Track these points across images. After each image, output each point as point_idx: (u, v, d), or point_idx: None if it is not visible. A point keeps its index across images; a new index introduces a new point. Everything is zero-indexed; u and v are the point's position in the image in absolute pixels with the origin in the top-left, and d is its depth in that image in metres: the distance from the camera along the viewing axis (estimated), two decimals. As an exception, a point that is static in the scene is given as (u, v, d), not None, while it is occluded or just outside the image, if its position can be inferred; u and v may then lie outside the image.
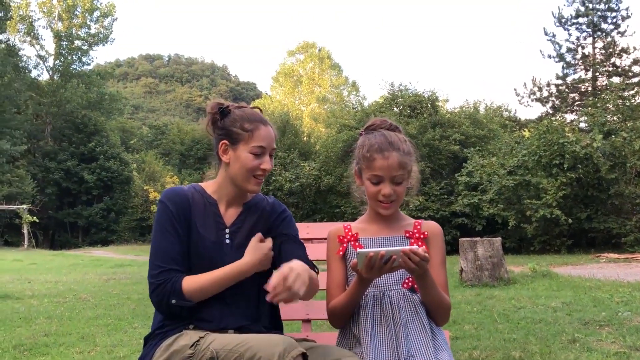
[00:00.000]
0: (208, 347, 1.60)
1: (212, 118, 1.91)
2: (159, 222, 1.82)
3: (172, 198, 1.84)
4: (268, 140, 1.86)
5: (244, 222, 1.91)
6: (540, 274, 8.73)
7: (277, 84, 49.65)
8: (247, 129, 1.83)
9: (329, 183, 23.99)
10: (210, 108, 1.91)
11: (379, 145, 1.81)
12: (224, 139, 1.85)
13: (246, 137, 1.82)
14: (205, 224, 1.84)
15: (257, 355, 1.49)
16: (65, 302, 7.28)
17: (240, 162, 1.82)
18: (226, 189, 1.89)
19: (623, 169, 16.39)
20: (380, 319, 1.78)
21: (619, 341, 4.21)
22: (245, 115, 1.87)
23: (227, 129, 1.85)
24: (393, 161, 1.78)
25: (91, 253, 24.99)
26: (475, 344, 4.27)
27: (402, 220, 1.92)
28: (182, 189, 1.89)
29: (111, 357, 4.09)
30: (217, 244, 1.83)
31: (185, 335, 1.69)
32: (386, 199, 1.80)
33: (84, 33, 41.18)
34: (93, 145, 37.97)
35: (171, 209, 1.81)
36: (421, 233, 1.87)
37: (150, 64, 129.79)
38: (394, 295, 1.79)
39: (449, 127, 22.88)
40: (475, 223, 19.54)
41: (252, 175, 1.84)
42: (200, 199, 1.87)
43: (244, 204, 1.94)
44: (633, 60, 28.50)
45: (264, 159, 1.85)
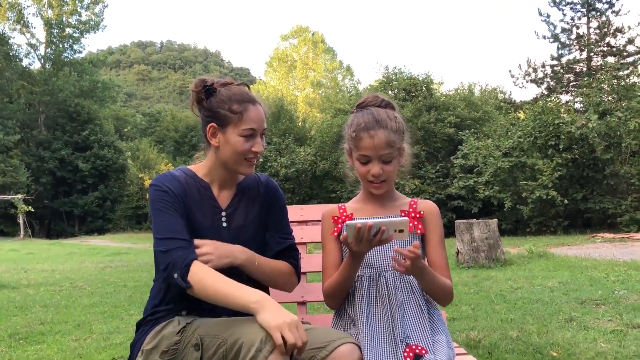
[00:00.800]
0: (193, 334, 1.58)
1: (197, 97, 1.81)
2: (156, 202, 1.71)
3: (165, 183, 1.75)
4: (258, 122, 1.77)
5: (239, 204, 1.86)
6: (536, 255, 8.75)
7: (270, 69, 49.33)
8: (236, 110, 1.74)
9: (324, 168, 23.98)
10: (194, 86, 1.81)
11: (365, 124, 1.76)
12: (212, 122, 1.77)
13: (235, 120, 1.74)
14: (201, 209, 1.79)
15: (240, 341, 1.47)
16: (61, 290, 7.26)
17: (231, 146, 1.75)
18: (217, 172, 1.83)
19: (618, 149, 16.41)
20: (376, 299, 1.76)
21: (615, 319, 4.21)
22: (232, 95, 1.77)
23: (214, 111, 1.76)
24: (379, 140, 1.73)
25: (88, 242, 24.98)
26: (472, 325, 4.28)
27: (397, 199, 1.88)
28: (173, 174, 1.80)
29: (107, 344, 4.08)
30: (213, 228, 1.79)
31: (175, 321, 1.68)
32: (376, 179, 1.76)
33: (74, 20, 40.73)
34: (87, 133, 37.78)
35: (167, 190, 1.72)
36: (417, 212, 1.83)
37: (143, 50, 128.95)
38: (390, 276, 1.77)
39: (444, 110, 22.84)
40: (471, 205, 19.59)
41: (244, 159, 1.77)
42: (193, 184, 1.81)
43: (237, 185, 1.89)
44: (627, 39, 28.39)
45: (255, 140, 1.77)
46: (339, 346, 1.58)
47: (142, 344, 1.69)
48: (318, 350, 1.59)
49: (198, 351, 1.54)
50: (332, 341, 1.60)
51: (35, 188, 34.83)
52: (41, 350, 3.91)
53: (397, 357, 1.65)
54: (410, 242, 1.78)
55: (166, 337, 1.63)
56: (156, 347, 1.63)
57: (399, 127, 1.79)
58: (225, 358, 1.49)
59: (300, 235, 2.46)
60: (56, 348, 3.97)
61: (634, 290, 5.40)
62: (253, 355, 1.42)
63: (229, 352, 1.49)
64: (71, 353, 3.81)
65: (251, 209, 1.88)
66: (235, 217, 1.84)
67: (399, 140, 1.78)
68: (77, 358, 3.68)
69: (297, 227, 2.45)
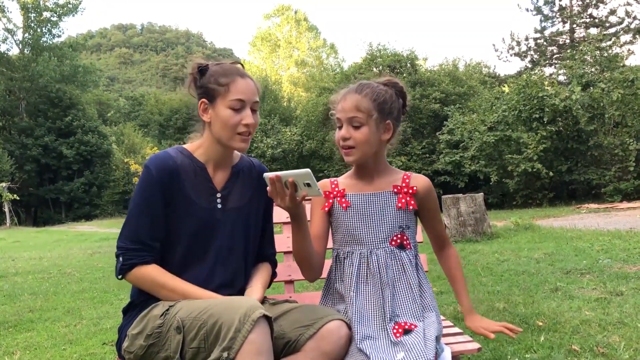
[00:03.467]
0: (175, 317, 1.59)
1: (193, 78, 1.83)
2: (140, 191, 1.74)
3: (158, 164, 1.75)
4: (247, 93, 1.76)
5: (234, 186, 1.87)
6: (522, 227, 8.84)
7: (254, 49, 48.88)
8: (223, 83, 1.74)
9: (311, 147, 23.96)
10: (191, 69, 1.83)
11: (346, 90, 1.81)
12: (203, 97, 1.78)
13: (222, 92, 1.74)
14: (196, 190, 1.79)
15: (219, 322, 1.47)
16: (50, 277, 7.23)
17: (220, 119, 1.74)
18: (213, 151, 1.82)
19: (602, 120, 16.54)
20: (366, 276, 1.76)
21: (599, 287, 4.29)
22: (221, 69, 1.79)
23: (204, 87, 1.78)
24: (348, 102, 1.75)
25: (75, 228, 24.83)
26: (460, 298, 4.33)
27: (390, 174, 1.87)
28: (169, 154, 1.80)
29: (97, 329, 4.08)
30: (208, 210, 1.79)
31: (160, 305, 1.68)
32: (343, 142, 1.77)
33: (52, 4, 39.86)
34: (70, 119, 37.28)
35: (155, 177, 1.73)
36: (409, 187, 1.83)
37: (124, 33, 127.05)
38: (382, 254, 1.77)
39: (428, 86, 22.82)
40: (458, 180, 19.71)
41: (236, 133, 1.75)
42: (189, 164, 1.80)
43: (232, 167, 1.89)
44: (610, 10, 28.47)
45: (245, 113, 1.75)
46: (326, 323, 1.60)
47: (128, 328, 1.70)
48: (305, 329, 1.60)
49: (180, 334, 1.55)
50: (319, 319, 1.62)
51: (20, 176, 34.44)
52: (31, 338, 3.90)
53: (386, 333, 1.66)
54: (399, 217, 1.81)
55: (151, 321, 1.64)
56: (141, 332, 1.64)
57: (378, 98, 1.76)
58: (207, 340, 1.50)
59: (286, 214, 2.46)
60: (46, 335, 3.96)
61: (618, 259, 5.50)
62: (232, 336, 1.43)
63: (210, 333, 1.49)
64: (61, 339, 3.81)
65: (246, 191, 1.89)
66: (230, 199, 1.85)
67: (373, 109, 1.75)
68: (68, 344, 3.68)
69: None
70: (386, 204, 1.81)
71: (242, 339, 1.42)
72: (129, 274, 1.71)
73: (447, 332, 1.99)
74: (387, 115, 1.78)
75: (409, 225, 1.84)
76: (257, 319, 1.44)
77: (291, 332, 1.62)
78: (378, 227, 1.79)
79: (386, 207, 1.81)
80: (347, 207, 1.82)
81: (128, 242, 1.71)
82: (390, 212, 1.81)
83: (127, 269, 1.70)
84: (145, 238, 1.71)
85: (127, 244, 1.71)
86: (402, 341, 1.60)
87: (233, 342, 1.42)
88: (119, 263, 1.71)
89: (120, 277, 1.73)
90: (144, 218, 1.72)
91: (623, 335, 3.01)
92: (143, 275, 1.70)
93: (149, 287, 1.71)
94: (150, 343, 1.61)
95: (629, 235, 7.08)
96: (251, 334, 1.43)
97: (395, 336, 1.63)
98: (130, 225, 1.73)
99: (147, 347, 1.61)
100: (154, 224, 1.72)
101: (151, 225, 1.72)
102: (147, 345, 1.61)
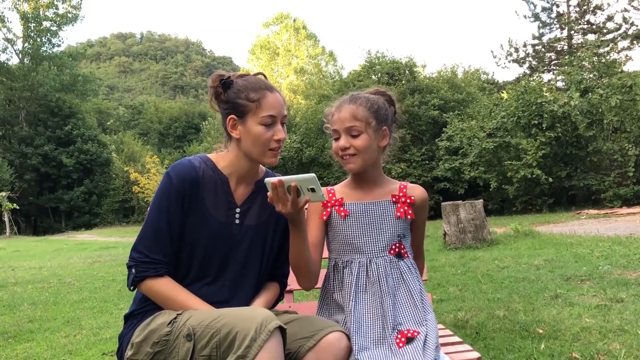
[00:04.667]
0: (185, 324, 1.58)
1: (215, 92, 1.79)
2: (159, 199, 1.74)
3: (180, 173, 1.74)
4: (278, 108, 1.75)
5: (254, 202, 1.85)
6: (522, 234, 8.84)
7: (253, 57, 48.95)
8: (254, 99, 1.72)
9: (310, 155, 23.95)
10: (212, 81, 1.80)
11: (340, 101, 1.83)
12: (231, 114, 1.75)
13: (254, 108, 1.72)
14: (216, 203, 1.78)
15: (234, 330, 1.47)
16: (49, 287, 7.21)
17: (252, 136, 1.72)
18: (239, 165, 1.81)
19: (600, 125, 16.55)
20: (365, 285, 1.76)
21: (599, 294, 4.28)
22: (249, 84, 1.76)
23: (232, 102, 1.75)
24: (344, 112, 1.77)
25: (75, 237, 24.80)
26: (459, 305, 4.32)
27: (387, 184, 1.89)
28: (192, 163, 1.78)
29: (97, 339, 4.07)
30: (225, 224, 1.78)
31: (164, 314, 1.68)
32: (343, 152, 1.78)
33: (51, 13, 39.99)
34: (69, 128, 37.34)
35: (175, 185, 1.72)
36: (407, 197, 1.84)
37: (123, 42, 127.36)
38: (381, 263, 1.77)
39: (427, 93, 22.84)
40: (457, 187, 19.69)
41: (268, 149, 1.75)
42: (211, 175, 1.78)
43: (256, 182, 1.87)
44: (607, 16, 28.56)
45: (276, 128, 1.75)
46: (326, 335, 1.60)
47: (130, 337, 1.69)
48: (305, 340, 1.60)
49: (190, 342, 1.54)
50: (319, 330, 1.61)
51: (20, 185, 34.43)
52: (30, 348, 3.89)
53: (387, 343, 1.66)
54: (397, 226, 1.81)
55: (156, 329, 1.63)
56: (146, 340, 1.63)
57: (373, 106, 1.80)
58: (219, 348, 1.49)
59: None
60: (46, 345, 3.95)
61: (618, 265, 5.49)
62: (248, 345, 1.42)
63: (223, 341, 1.48)
64: (61, 350, 3.80)
65: (266, 208, 1.85)
66: (249, 215, 1.83)
67: (369, 117, 1.78)
68: (67, 354, 3.67)
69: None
70: (385, 213, 1.82)
71: (258, 348, 1.42)
72: (140, 286, 1.71)
73: (447, 341, 1.99)
74: (382, 121, 1.81)
75: (405, 234, 1.85)
76: (273, 330, 1.44)
77: (291, 344, 1.61)
78: (377, 236, 1.80)
79: (385, 216, 1.82)
80: (345, 216, 1.82)
81: (142, 255, 1.70)
82: (389, 221, 1.81)
83: (139, 281, 1.70)
84: (160, 251, 1.70)
85: (141, 256, 1.70)
86: (401, 352, 1.60)
87: (248, 350, 1.42)
88: (131, 275, 1.71)
89: (133, 288, 1.73)
90: (161, 228, 1.70)
91: (623, 343, 3.01)
92: (155, 288, 1.70)
93: (160, 300, 1.71)
94: (157, 350, 1.60)
95: (629, 241, 7.07)
96: (267, 343, 1.43)
97: (398, 346, 1.63)
98: (147, 236, 1.72)
99: (153, 355, 1.60)
100: (170, 235, 1.71)
101: (167, 237, 1.71)
102: (154, 353, 1.60)
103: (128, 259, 1.73)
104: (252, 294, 1.84)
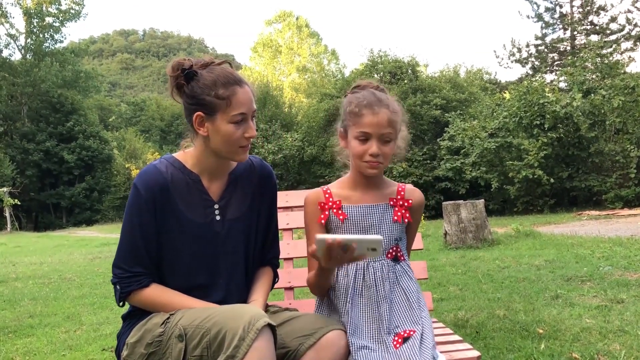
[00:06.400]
0: (177, 325, 1.57)
1: (176, 83, 1.68)
2: (130, 214, 1.69)
3: (146, 182, 1.67)
4: (248, 104, 1.65)
5: (233, 195, 1.79)
6: (523, 234, 8.83)
7: (256, 54, 48.98)
8: (223, 96, 1.61)
9: (312, 153, 23.96)
10: (172, 70, 1.68)
11: (368, 101, 1.70)
12: (198, 110, 1.64)
13: (224, 107, 1.61)
14: (190, 206, 1.71)
15: (223, 330, 1.46)
16: (50, 283, 7.22)
17: (222, 135, 1.64)
18: (208, 162, 1.73)
19: (602, 126, 16.53)
20: (361, 289, 1.73)
21: (600, 295, 4.28)
22: (217, 78, 1.63)
23: (198, 99, 1.63)
24: (382, 117, 1.67)
25: (76, 233, 24.84)
26: (460, 305, 4.32)
27: (385, 186, 1.84)
28: (158, 169, 1.71)
29: (97, 335, 4.07)
30: (206, 224, 1.73)
31: (160, 314, 1.67)
32: (373, 159, 1.69)
33: (54, 9, 40.06)
34: (71, 124, 37.39)
35: (144, 196, 1.66)
36: (405, 200, 1.81)
37: (125, 39, 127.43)
38: (378, 267, 1.75)
39: (429, 92, 22.83)
40: (459, 187, 19.68)
41: (239, 147, 1.68)
42: (180, 177, 1.72)
43: (229, 174, 1.80)
44: (610, 17, 28.51)
45: (247, 125, 1.66)
46: (326, 333, 1.59)
47: (127, 336, 1.68)
48: (305, 338, 1.59)
49: (182, 342, 1.53)
50: (319, 328, 1.60)
51: (21, 181, 34.46)
52: (31, 343, 3.90)
53: (384, 346, 1.65)
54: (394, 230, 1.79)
55: (150, 330, 1.62)
56: (140, 340, 1.62)
57: (398, 109, 1.75)
58: (210, 348, 1.48)
59: (285, 221, 2.47)
60: (46, 340, 3.96)
61: (619, 266, 5.48)
62: (237, 344, 1.41)
63: (213, 341, 1.47)
64: (61, 345, 3.80)
65: (245, 198, 1.82)
66: (230, 209, 1.78)
67: (399, 123, 1.74)
68: (67, 350, 3.67)
69: (282, 213, 2.45)
70: (383, 216, 1.78)
71: (247, 347, 1.40)
72: (129, 299, 1.71)
73: (446, 340, 1.99)
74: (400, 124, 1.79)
75: (402, 237, 1.83)
76: (261, 328, 1.42)
77: (291, 342, 1.60)
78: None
79: (383, 219, 1.78)
80: (344, 219, 1.78)
81: (123, 271, 1.69)
82: (386, 225, 1.78)
83: (126, 296, 1.69)
84: (139, 262, 1.68)
85: (122, 272, 1.69)
86: (398, 353, 1.59)
87: (237, 350, 1.41)
88: (117, 291, 1.69)
89: (121, 304, 1.72)
90: (136, 242, 1.67)
91: (624, 343, 3.00)
92: (143, 298, 1.69)
93: (152, 307, 1.70)
94: (150, 351, 1.59)
95: (629, 242, 7.06)
96: (255, 342, 1.41)
97: (395, 347, 1.62)
98: (124, 251, 1.69)
99: (147, 356, 1.59)
100: (147, 246, 1.68)
101: (144, 248, 1.68)
102: (148, 354, 1.59)
103: (112, 275, 1.72)
104: (246, 286, 1.83)
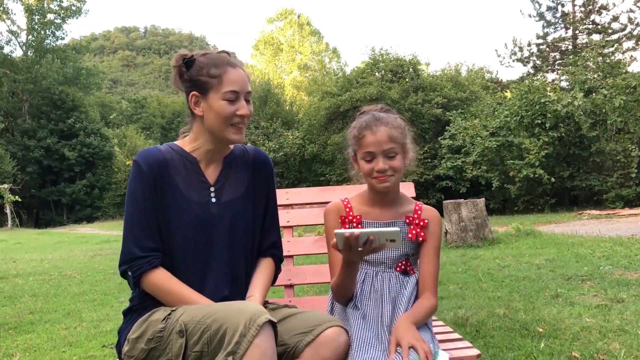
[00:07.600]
0: (178, 320, 1.57)
1: (179, 71, 1.78)
2: (133, 186, 1.73)
3: (147, 158, 1.73)
4: (240, 84, 1.73)
5: (228, 178, 1.84)
6: (524, 233, 8.82)
7: (257, 52, 48.95)
8: (214, 74, 1.70)
9: (313, 151, 23.96)
10: (175, 61, 1.79)
11: (367, 123, 1.81)
12: (193, 90, 1.74)
13: (215, 84, 1.70)
14: (188, 185, 1.76)
15: (224, 326, 1.46)
16: (50, 279, 7.23)
17: (214, 111, 1.71)
18: (205, 144, 1.79)
19: (604, 126, 16.52)
20: (370, 293, 1.81)
21: (600, 294, 4.28)
22: (210, 60, 1.74)
23: (193, 80, 1.73)
24: (382, 135, 1.77)
25: (76, 230, 24.86)
26: (460, 303, 4.32)
27: (403, 203, 1.91)
28: (159, 149, 1.78)
29: (97, 331, 4.08)
30: (202, 204, 1.76)
31: (161, 310, 1.67)
32: (381, 174, 1.78)
33: (56, 6, 40.05)
34: (72, 121, 37.40)
35: (146, 172, 1.71)
36: (421, 220, 1.87)
37: (127, 36, 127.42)
38: (387, 277, 1.83)
39: (431, 91, 22.83)
40: (459, 185, 19.70)
41: (230, 124, 1.73)
42: (179, 159, 1.78)
43: (224, 158, 1.86)
44: (612, 16, 28.48)
45: (240, 104, 1.72)
46: (324, 330, 1.59)
47: (128, 332, 1.68)
48: (304, 335, 1.59)
49: (182, 338, 1.53)
50: (317, 325, 1.60)
51: (22, 177, 34.49)
52: (31, 340, 3.90)
53: (384, 345, 1.67)
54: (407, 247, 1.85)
55: (152, 325, 1.62)
56: (141, 336, 1.62)
57: (399, 124, 1.83)
58: (210, 344, 1.48)
59: (286, 218, 2.47)
60: (46, 337, 3.96)
61: (619, 265, 5.48)
62: (237, 340, 1.41)
63: (214, 337, 1.47)
64: (61, 341, 3.81)
65: (240, 182, 1.85)
66: (225, 192, 1.82)
67: (401, 137, 1.81)
68: (67, 346, 3.68)
69: (283, 210, 2.45)
70: None
71: (248, 344, 1.40)
72: (142, 283, 1.70)
73: (447, 338, 1.99)
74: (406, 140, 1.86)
75: (414, 253, 1.89)
76: (262, 324, 1.43)
77: (290, 339, 1.60)
78: (387, 254, 1.84)
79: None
80: None
81: (133, 253, 1.69)
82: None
83: (138, 278, 1.69)
84: (149, 236, 1.70)
85: (132, 254, 1.69)
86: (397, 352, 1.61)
87: (238, 346, 1.41)
88: (130, 278, 1.69)
89: (137, 289, 1.72)
90: (143, 215, 1.70)
91: (623, 343, 3.00)
92: (151, 281, 1.69)
93: (158, 292, 1.70)
94: (151, 347, 1.59)
95: (630, 242, 7.06)
96: (256, 338, 1.41)
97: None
98: (133, 231, 1.70)
99: (148, 351, 1.60)
100: (151, 223, 1.70)
101: (154, 226, 1.70)
102: (149, 349, 1.59)
103: (119, 268, 1.72)
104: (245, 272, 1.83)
